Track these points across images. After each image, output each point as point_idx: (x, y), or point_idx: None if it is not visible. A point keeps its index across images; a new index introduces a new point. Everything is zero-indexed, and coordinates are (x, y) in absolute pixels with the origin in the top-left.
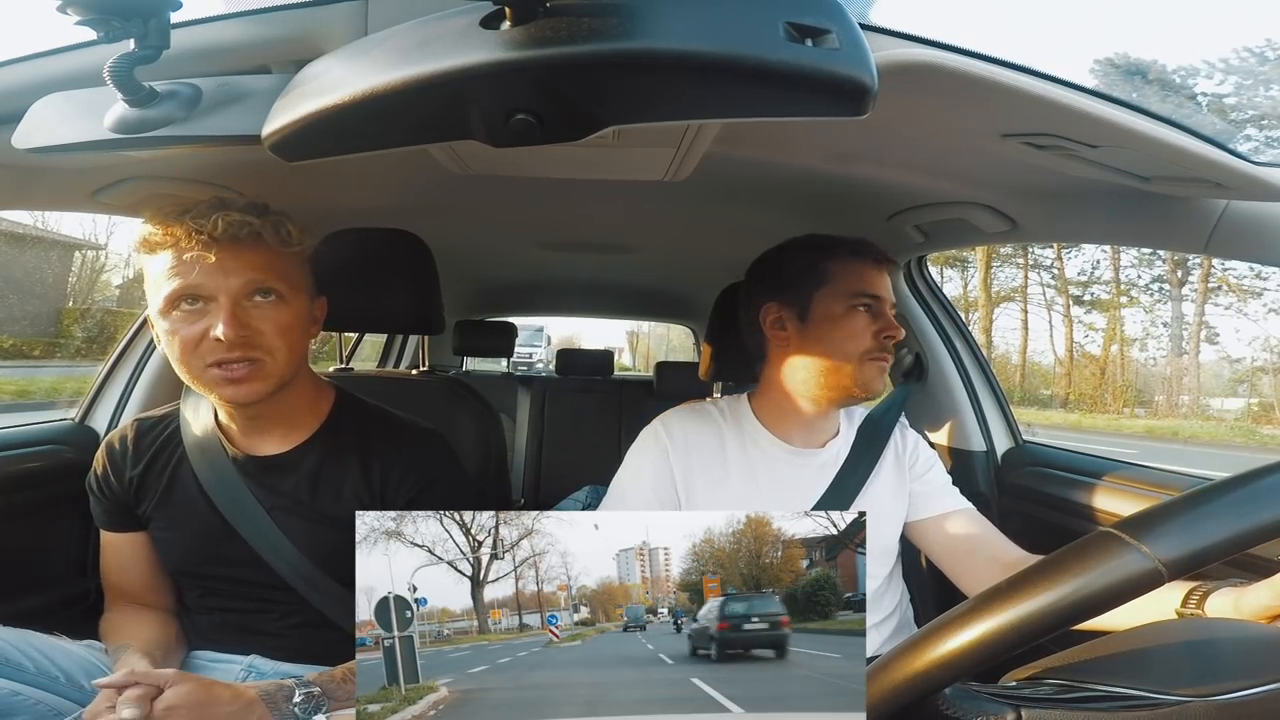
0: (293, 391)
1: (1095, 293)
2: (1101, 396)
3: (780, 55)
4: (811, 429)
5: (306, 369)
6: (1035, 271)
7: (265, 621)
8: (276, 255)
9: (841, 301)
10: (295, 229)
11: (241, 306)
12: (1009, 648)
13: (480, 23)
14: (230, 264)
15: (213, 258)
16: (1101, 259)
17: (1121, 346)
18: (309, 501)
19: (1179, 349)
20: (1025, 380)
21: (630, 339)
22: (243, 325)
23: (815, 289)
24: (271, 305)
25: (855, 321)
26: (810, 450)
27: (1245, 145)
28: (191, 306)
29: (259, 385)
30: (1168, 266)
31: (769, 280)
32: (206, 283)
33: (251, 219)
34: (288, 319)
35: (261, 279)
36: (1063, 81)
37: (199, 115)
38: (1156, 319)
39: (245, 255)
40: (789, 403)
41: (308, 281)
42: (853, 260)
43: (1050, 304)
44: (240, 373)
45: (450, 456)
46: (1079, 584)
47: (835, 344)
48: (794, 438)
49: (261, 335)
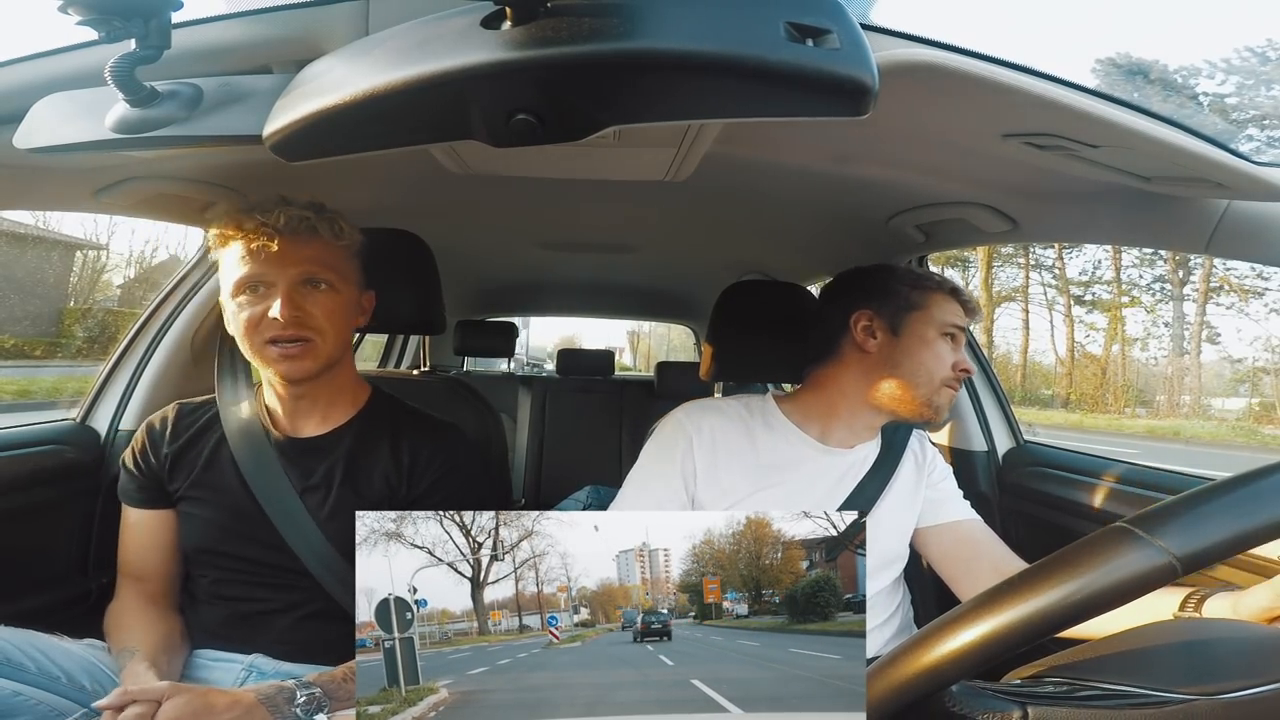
0: (336, 376)
1: (1096, 292)
2: (1103, 396)
3: (781, 55)
4: (853, 430)
5: (350, 361)
6: (1036, 271)
7: (274, 614)
8: (329, 248)
9: (934, 328)
10: (347, 225)
11: (297, 291)
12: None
13: (481, 23)
14: (289, 254)
15: (275, 247)
16: (1103, 259)
17: (1123, 346)
18: (341, 482)
19: (1180, 349)
20: (1026, 380)
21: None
22: (296, 308)
23: (911, 310)
24: (323, 293)
25: (942, 348)
26: (841, 450)
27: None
28: (255, 291)
29: (309, 363)
30: (1169, 266)
31: (864, 289)
32: (269, 270)
33: (309, 214)
34: (336, 306)
35: (315, 269)
36: (1064, 81)
37: (200, 115)
38: (1158, 319)
39: (302, 247)
40: (843, 403)
41: (357, 274)
42: (951, 298)
43: (1051, 304)
44: (294, 350)
45: (470, 447)
46: (1092, 578)
47: (921, 363)
48: (828, 436)
49: (312, 318)
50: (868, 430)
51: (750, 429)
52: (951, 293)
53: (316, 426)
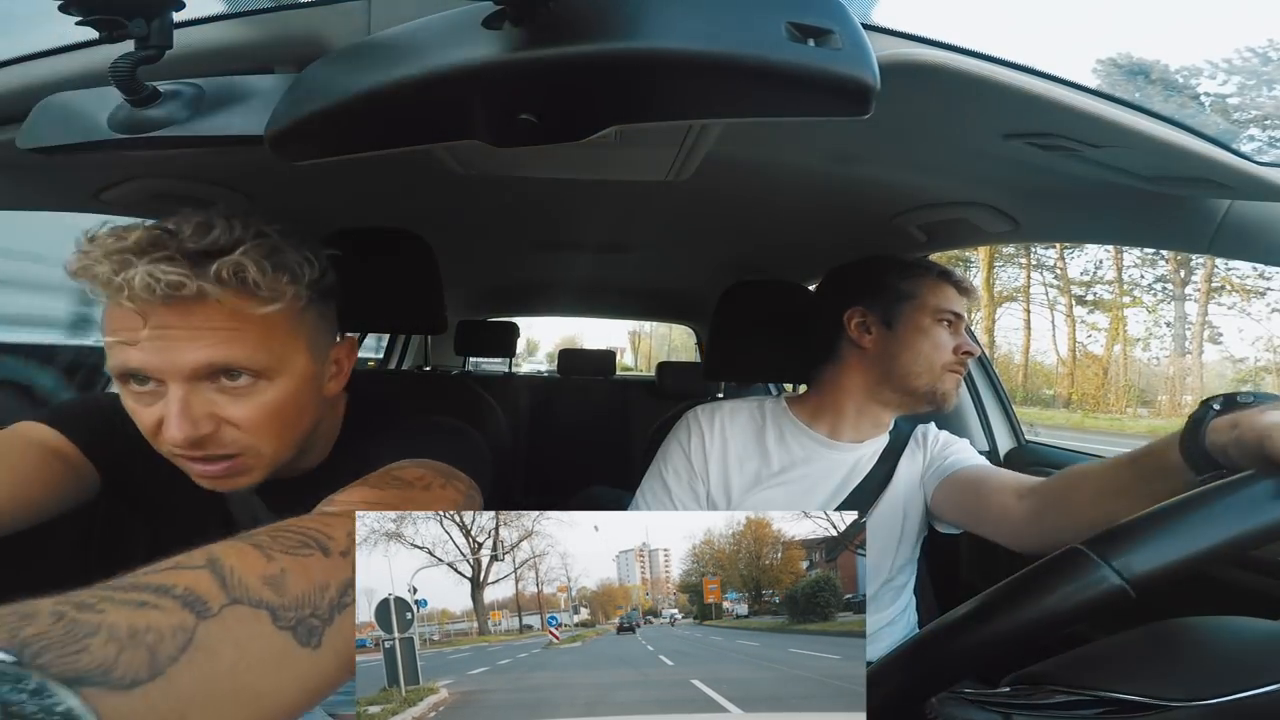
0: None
1: (1098, 292)
2: (1104, 396)
3: (782, 55)
4: (860, 426)
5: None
6: (1038, 271)
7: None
8: (246, 316)
9: (928, 315)
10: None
11: (199, 396)
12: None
13: (483, 23)
14: (175, 335)
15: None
16: (1104, 259)
17: (1124, 346)
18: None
19: (1182, 349)
20: (1028, 380)
21: (632, 339)
22: (199, 422)
23: (902, 301)
24: (244, 389)
25: (939, 334)
26: (851, 445)
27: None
28: (143, 385)
29: (241, 480)
30: (1170, 266)
31: (855, 285)
32: (149, 362)
33: (186, 275)
34: (274, 403)
35: (220, 355)
36: (1066, 81)
37: (202, 115)
38: (1159, 319)
39: (193, 323)
40: (849, 401)
41: (313, 333)
42: (941, 281)
43: (1053, 304)
44: (216, 469)
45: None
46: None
47: (919, 351)
48: (837, 432)
49: (232, 430)
50: (877, 425)
51: (761, 430)
52: (941, 276)
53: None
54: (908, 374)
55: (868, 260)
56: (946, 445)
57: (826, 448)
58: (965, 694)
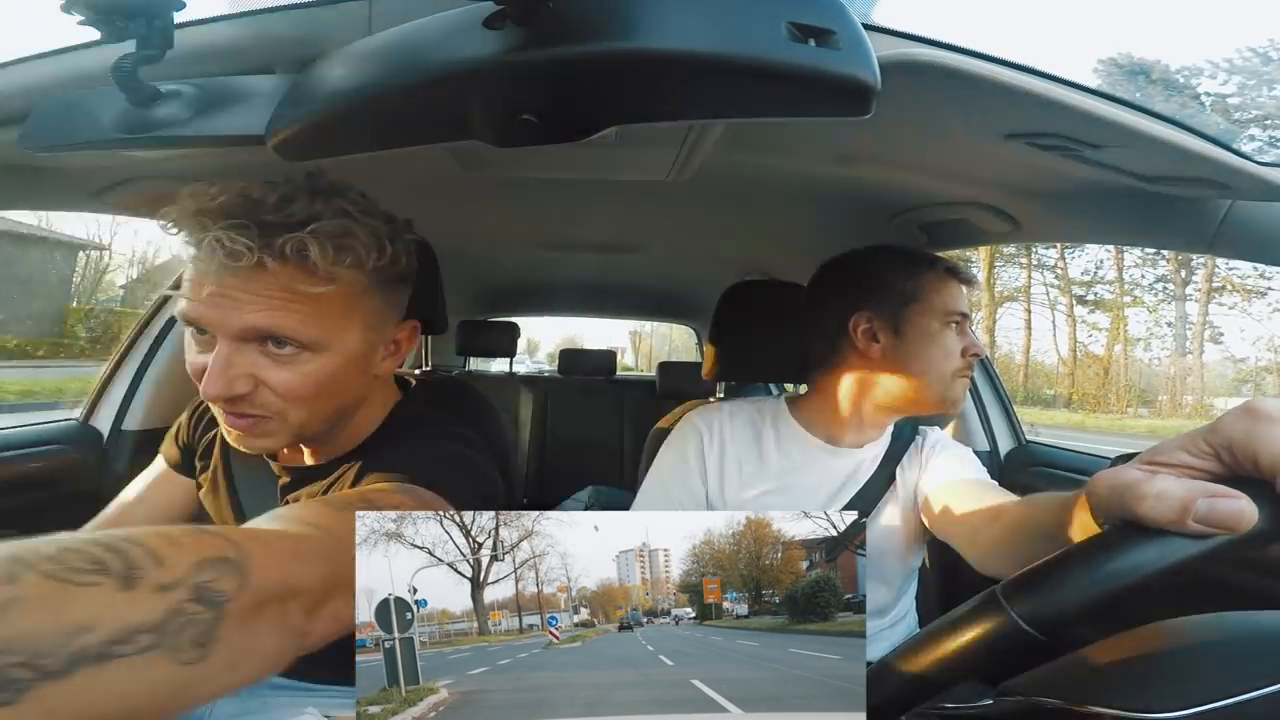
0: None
1: (1099, 292)
2: (1105, 396)
3: (783, 55)
4: (860, 431)
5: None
6: (1038, 271)
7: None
8: (299, 293)
9: (937, 319)
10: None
11: (243, 355)
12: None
13: (483, 23)
14: (231, 298)
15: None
16: (1105, 259)
17: (1125, 346)
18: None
19: (1183, 349)
20: (1028, 380)
21: (633, 339)
22: (235, 381)
23: (909, 304)
24: (292, 358)
25: (948, 339)
26: (850, 450)
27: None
28: (202, 335)
29: (265, 443)
30: (1171, 266)
31: (857, 288)
32: (207, 314)
33: (250, 245)
34: (317, 376)
35: (272, 326)
36: (1066, 81)
37: (203, 115)
38: (1160, 319)
39: (252, 289)
40: (849, 405)
41: (373, 311)
42: (947, 277)
43: (1053, 304)
44: (243, 424)
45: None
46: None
47: (930, 360)
48: (837, 437)
49: (268, 393)
50: (877, 429)
51: (759, 432)
52: (947, 272)
53: (316, 457)
54: (919, 383)
55: (865, 254)
56: (944, 452)
57: (826, 453)
58: (946, 708)
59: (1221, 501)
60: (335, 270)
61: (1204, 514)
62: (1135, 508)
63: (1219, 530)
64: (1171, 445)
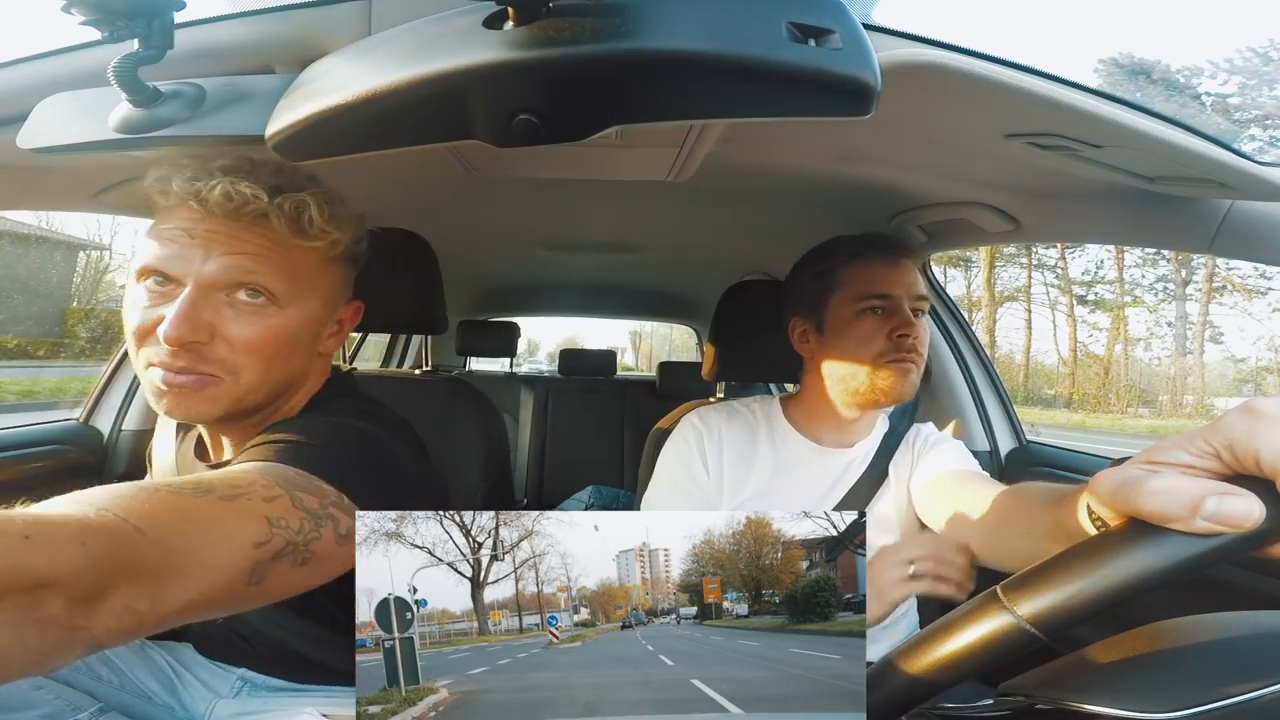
0: (273, 409)
1: (1099, 292)
2: (1105, 396)
3: (783, 55)
4: (844, 429)
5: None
6: (1039, 271)
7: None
8: (286, 247)
9: (850, 307)
10: (322, 218)
11: (208, 303)
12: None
13: (483, 23)
14: (216, 244)
15: (193, 231)
16: (1105, 259)
17: (1125, 346)
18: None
19: (1183, 349)
20: (1029, 380)
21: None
22: (198, 329)
23: (829, 297)
24: (257, 309)
25: (864, 326)
26: (839, 449)
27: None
28: (159, 287)
29: (203, 407)
30: (1172, 266)
31: (793, 293)
32: (179, 261)
33: (261, 194)
34: (278, 329)
35: (250, 273)
36: (1067, 81)
37: (203, 115)
38: (1161, 319)
39: (241, 237)
40: (824, 406)
41: (333, 284)
42: (855, 262)
43: (1054, 304)
44: (184, 382)
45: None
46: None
47: (850, 352)
48: (825, 437)
49: (224, 345)
50: (859, 426)
51: (755, 432)
52: (854, 253)
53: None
54: (843, 378)
55: (797, 263)
56: (935, 446)
57: (816, 452)
58: (946, 708)
59: (1230, 499)
60: (328, 229)
61: (1212, 511)
62: (1142, 504)
63: (1226, 528)
64: (1170, 445)
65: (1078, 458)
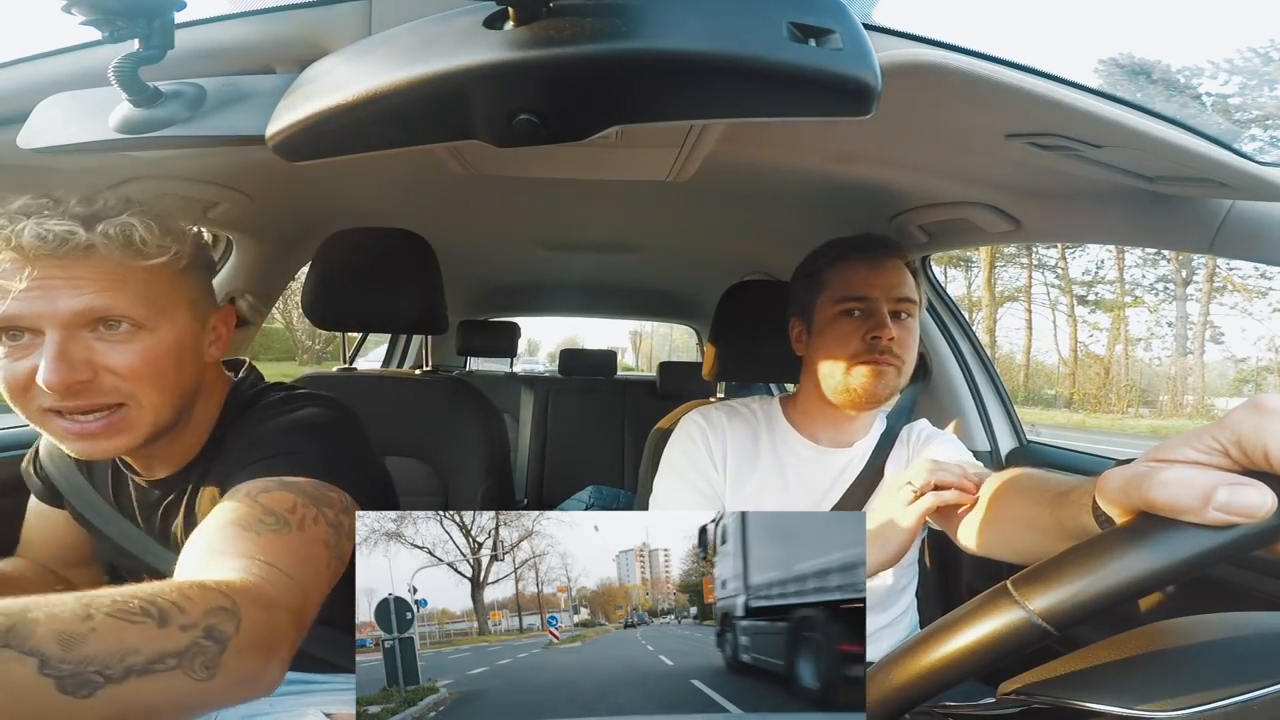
0: (187, 421)
1: (1099, 292)
2: (1106, 396)
3: (784, 55)
4: (842, 429)
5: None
6: (1039, 271)
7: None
8: (129, 270)
9: (831, 308)
10: (153, 235)
11: (76, 341)
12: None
13: (484, 23)
14: (57, 285)
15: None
16: (1106, 259)
17: (1126, 346)
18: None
19: (1184, 349)
20: (1029, 380)
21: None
22: (76, 367)
23: (816, 298)
24: (123, 337)
25: (842, 327)
26: (837, 449)
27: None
28: (15, 341)
29: (119, 440)
30: (1172, 266)
31: (792, 295)
32: (26, 311)
33: (76, 229)
34: (154, 352)
35: (102, 305)
36: (1067, 81)
37: (203, 115)
38: (1161, 319)
39: (78, 272)
40: (820, 406)
41: (193, 294)
42: (839, 264)
43: (1054, 304)
44: (94, 426)
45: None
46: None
47: (829, 352)
48: (822, 437)
49: (110, 377)
50: (857, 426)
51: (756, 432)
52: (839, 255)
53: (170, 466)
54: (822, 377)
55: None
56: (929, 442)
57: (815, 452)
58: (946, 707)
59: (1243, 490)
60: (163, 244)
61: (1224, 502)
62: (1154, 496)
63: (1239, 519)
64: (1177, 443)
65: (1078, 458)
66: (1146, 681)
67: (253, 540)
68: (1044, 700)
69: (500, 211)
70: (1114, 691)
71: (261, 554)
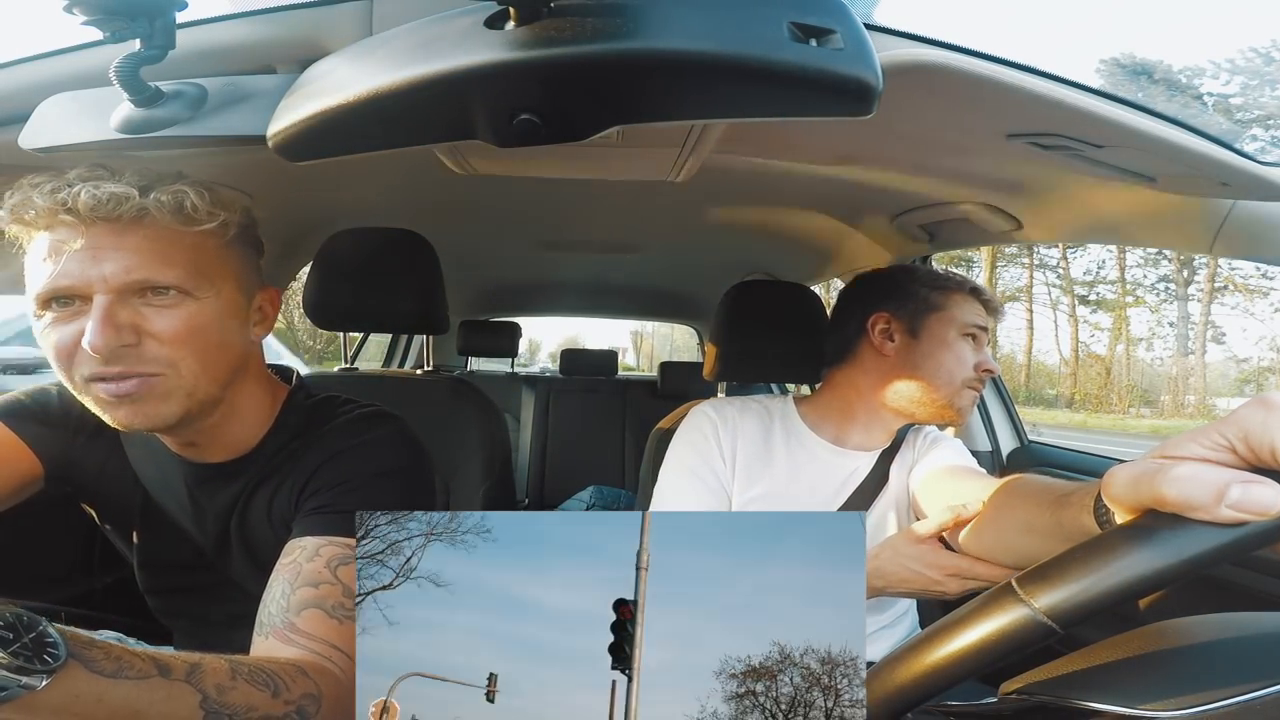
0: (231, 405)
1: (1101, 292)
2: (1107, 396)
3: (784, 55)
4: (869, 433)
5: (254, 372)
6: (1040, 271)
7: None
8: (178, 237)
9: (954, 328)
10: (205, 203)
11: (124, 307)
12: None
13: (485, 23)
14: (107, 251)
15: (80, 243)
16: (1107, 259)
17: (1127, 346)
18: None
19: (1185, 349)
20: (1030, 380)
21: (634, 339)
22: (122, 331)
23: (930, 312)
24: (170, 304)
25: (963, 349)
26: (856, 452)
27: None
28: (65, 307)
29: (158, 407)
30: (1174, 266)
31: (882, 291)
32: (77, 276)
33: (131, 192)
34: (199, 320)
35: (151, 271)
36: (1068, 81)
37: (204, 115)
38: (1162, 319)
39: (129, 239)
40: (860, 406)
41: (240, 268)
42: (972, 297)
43: (1055, 304)
44: (129, 388)
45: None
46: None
47: (940, 364)
48: (845, 440)
49: (154, 344)
50: (884, 433)
51: (768, 430)
52: (972, 292)
53: (221, 454)
54: (927, 385)
55: (899, 267)
56: (933, 444)
57: (831, 453)
58: (946, 706)
59: (1255, 487)
60: (215, 211)
61: (1237, 499)
62: (1165, 492)
63: (1251, 516)
64: (1183, 439)
65: (1079, 458)
66: (1148, 681)
67: (334, 629)
68: (1045, 700)
69: (501, 211)
70: (1115, 691)
71: (341, 643)
